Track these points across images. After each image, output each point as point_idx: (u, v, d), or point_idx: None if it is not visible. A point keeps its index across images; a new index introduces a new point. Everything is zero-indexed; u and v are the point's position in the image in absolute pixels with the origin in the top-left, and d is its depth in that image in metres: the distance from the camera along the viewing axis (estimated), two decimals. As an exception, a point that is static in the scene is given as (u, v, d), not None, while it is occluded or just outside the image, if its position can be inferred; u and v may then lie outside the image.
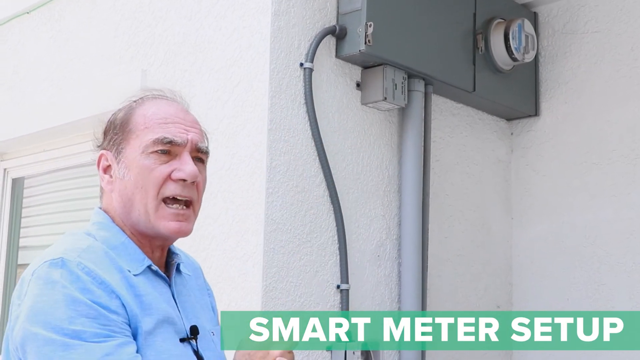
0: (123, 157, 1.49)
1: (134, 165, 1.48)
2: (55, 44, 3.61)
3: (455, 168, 3.34)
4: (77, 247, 1.41)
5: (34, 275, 1.37)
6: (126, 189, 1.48)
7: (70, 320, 1.31)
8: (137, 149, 1.48)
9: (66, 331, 1.30)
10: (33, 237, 3.98)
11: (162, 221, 1.47)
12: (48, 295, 1.33)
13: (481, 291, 3.37)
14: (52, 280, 1.34)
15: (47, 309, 1.32)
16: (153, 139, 1.47)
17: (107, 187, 1.51)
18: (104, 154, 1.51)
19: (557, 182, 3.43)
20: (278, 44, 2.69)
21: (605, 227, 3.27)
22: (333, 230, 2.77)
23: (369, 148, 2.95)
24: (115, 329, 1.35)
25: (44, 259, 1.39)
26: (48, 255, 1.40)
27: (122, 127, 1.51)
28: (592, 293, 3.27)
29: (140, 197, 1.47)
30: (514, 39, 3.25)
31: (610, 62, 3.35)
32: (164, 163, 1.48)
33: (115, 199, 1.50)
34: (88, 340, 1.31)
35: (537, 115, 3.52)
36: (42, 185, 3.94)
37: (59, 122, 3.50)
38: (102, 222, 1.50)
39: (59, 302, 1.32)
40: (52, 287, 1.34)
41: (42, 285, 1.35)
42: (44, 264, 1.37)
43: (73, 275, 1.35)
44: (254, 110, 2.68)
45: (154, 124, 1.49)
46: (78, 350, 1.30)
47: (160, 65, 3.06)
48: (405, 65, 2.93)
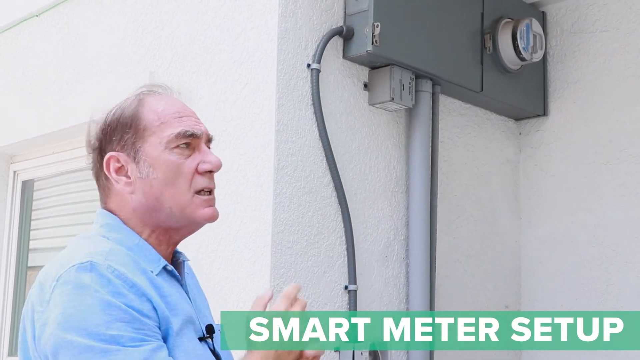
0: (143, 156, 1.47)
1: (160, 162, 1.46)
2: (64, 47, 3.63)
3: (464, 168, 3.33)
4: (100, 250, 1.38)
5: (60, 281, 1.33)
6: (153, 188, 1.46)
7: (106, 325, 1.28)
8: (158, 145, 1.47)
9: (103, 337, 1.27)
10: (43, 239, 3.99)
11: (198, 210, 1.48)
12: (80, 301, 1.30)
13: (490, 291, 3.36)
14: (82, 284, 1.31)
15: (81, 315, 1.29)
16: (175, 134, 1.47)
17: (126, 188, 1.47)
18: (115, 155, 1.47)
19: (565, 181, 3.42)
20: (285, 45, 2.69)
21: (614, 227, 3.26)
22: (341, 231, 2.77)
23: (377, 149, 2.95)
24: (149, 333, 1.33)
25: (67, 264, 1.35)
26: (70, 259, 1.36)
27: (133, 126, 1.48)
28: (601, 293, 3.26)
29: (172, 193, 1.46)
30: (522, 39, 3.24)
31: (619, 62, 3.33)
32: (188, 157, 1.48)
33: (135, 199, 1.47)
34: (126, 345, 1.28)
35: (545, 115, 3.51)
36: (52, 188, 3.96)
37: (67, 124, 3.51)
38: (111, 224, 1.48)
39: (93, 307, 1.29)
40: (83, 292, 1.30)
41: (71, 291, 1.31)
42: (70, 269, 1.33)
43: (104, 278, 1.32)
44: (262, 112, 2.68)
45: (169, 118, 1.48)
46: (117, 355, 1.27)
47: (168, 67, 3.07)
48: (413, 66, 2.93)
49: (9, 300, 3.94)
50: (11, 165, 4.03)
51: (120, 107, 1.51)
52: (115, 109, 1.51)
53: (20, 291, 3.96)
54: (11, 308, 3.93)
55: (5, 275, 3.96)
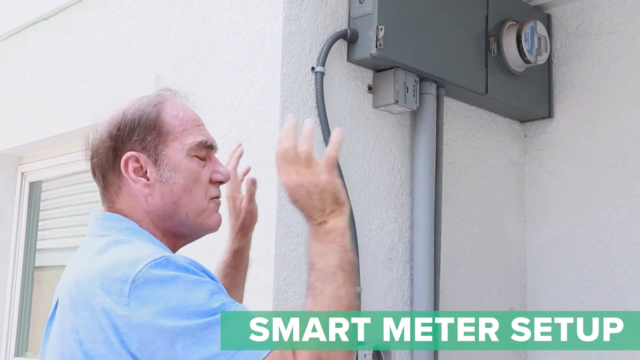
0: (165, 159, 1.47)
1: (182, 168, 1.48)
2: (72, 50, 3.65)
3: (468, 170, 3.33)
4: (158, 246, 1.41)
5: (138, 281, 1.30)
6: (172, 192, 1.47)
7: (207, 301, 1.28)
8: (180, 151, 1.48)
9: (212, 312, 1.27)
10: (50, 239, 4.02)
11: (211, 216, 1.52)
12: (175, 290, 1.29)
13: (495, 293, 3.36)
14: (168, 277, 1.30)
15: (184, 302, 1.28)
16: (197, 142, 1.50)
17: (144, 190, 1.47)
18: (135, 155, 1.46)
19: (571, 184, 3.42)
20: (289, 48, 2.70)
21: (619, 229, 3.25)
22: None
23: (381, 151, 2.96)
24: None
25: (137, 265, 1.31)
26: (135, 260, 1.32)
27: (156, 129, 1.48)
28: (606, 296, 3.25)
29: (189, 200, 1.49)
30: (527, 41, 3.25)
31: (624, 64, 3.33)
32: (204, 166, 1.52)
33: (152, 202, 1.47)
34: (231, 309, 1.29)
35: (550, 117, 3.51)
36: (59, 189, 3.99)
37: (75, 126, 3.53)
38: (131, 228, 1.46)
39: (189, 290, 1.29)
40: (173, 282, 1.29)
41: (161, 285, 1.29)
42: (145, 267, 1.30)
43: (182, 267, 1.32)
44: (266, 114, 2.69)
45: (190, 126, 1.51)
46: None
47: (173, 69, 3.09)
48: (417, 68, 2.93)
49: (16, 300, 3.97)
50: (19, 166, 4.06)
51: (139, 109, 1.50)
52: (133, 109, 1.50)
53: (27, 291, 3.99)
54: (18, 308, 3.95)
55: (12, 275, 3.99)
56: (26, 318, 3.95)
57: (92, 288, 1.34)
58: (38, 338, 3.93)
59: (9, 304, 3.96)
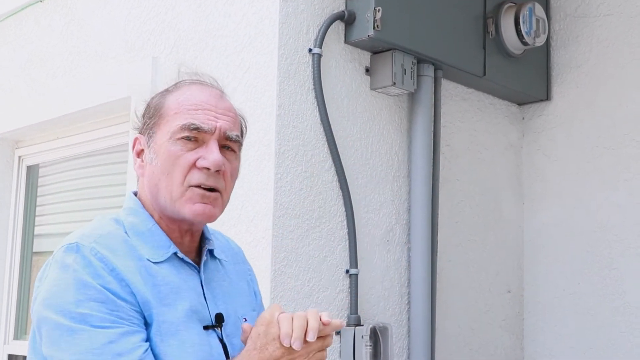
0: (153, 142, 1.49)
1: (162, 151, 1.47)
2: (68, 33, 3.63)
3: (466, 153, 3.33)
4: (95, 232, 1.42)
5: (53, 259, 1.40)
6: (153, 174, 1.48)
7: (77, 303, 1.32)
8: (166, 134, 1.47)
9: (73, 314, 1.32)
10: (48, 225, 4.02)
11: (187, 204, 1.45)
12: (60, 279, 1.35)
13: (492, 276, 3.37)
14: (65, 264, 1.36)
15: (59, 292, 1.34)
16: (180, 125, 1.46)
17: (138, 171, 1.53)
18: (139, 137, 1.53)
19: (568, 166, 3.42)
20: (286, 29, 2.69)
21: (616, 211, 3.26)
22: (342, 215, 2.78)
23: (378, 133, 2.96)
24: (123, 316, 1.34)
25: (62, 243, 1.41)
26: (67, 239, 1.42)
27: (155, 112, 1.51)
28: (603, 277, 3.26)
29: (166, 184, 1.46)
30: (525, 23, 3.24)
31: (622, 46, 3.32)
32: (190, 150, 1.46)
33: (145, 184, 1.51)
34: (94, 324, 1.31)
35: (548, 100, 3.51)
36: (57, 174, 3.98)
37: (72, 109, 3.53)
38: (132, 208, 1.51)
39: (69, 286, 1.34)
40: (64, 271, 1.36)
41: (57, 270, 1.37)
42: (61, 248, 1.39)
43: (85, 260, 1.36)
44: (263, 96, 2.69)
45: (183, 109, 1.47)
46: (82, 335, 1.31)
47: (170, 52, 3.07)
48: (415, 50, 2.92)
49: (14, 285, 3.97)
50: (16, 150, 4.05)
51: (160, 92, 1.56)
52: (155, 95, 1.56)
53: (25, 276, 3.99)
54: (17, 293, 3.96)
55: (10, 260, 3.99)
56: (25, 302, 3.96)
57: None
58: (36, 321, 3.94)
59: (7, 289, 3.96)
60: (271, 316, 1.39)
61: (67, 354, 1.31)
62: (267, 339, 1.37)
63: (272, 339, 1.36)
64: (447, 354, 3.12)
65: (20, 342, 3.91)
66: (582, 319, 3.30)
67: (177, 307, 1.41)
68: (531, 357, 3.42)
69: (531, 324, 3.44)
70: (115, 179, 3.57)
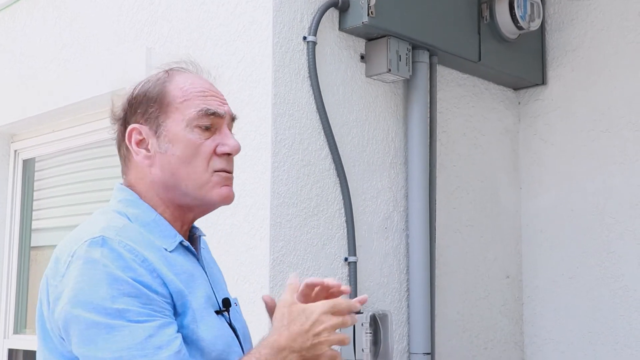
0: (164, 131, 1.47)
1: (179, 139, 1.46)
2: (62, 25, 3.62)
3: (462, 139, 3.33)
4: (113, 225, 1.39)
5: (74, 256, 1.34)
6: (170, 164, 1.46)
7: (112, 299, 1.29)
8: (180, 122, 1.46)
9: (109, 311, 1.29)
10: (45, 219, 4.01)
11: (215, 189, 1.48)
12: (89, 275, 1.31)
13: (490, 261, 3.37)
14: (92, 259, 1.32)
15: (89, 289, 1.30)
16: (197, 111, 1.46)
17: (145, 161, 1.48)
18: (137, 127, 1.48)
19: (565, 150, 3.42)
20: (281, 17, 2.68)
21: (614, 195, 3.26)
22: (340, 204, 2.78)
23: (375, 120, 2.95)
24: (156, 309, 1.33)
25: (81, 239, 1.36)
26: (85, 234, 1.37)
27: (158, 101, 1.48)
28: (601, 261, 3.27)
29: (188, 172, 1.46)
30: (519, 7, 3.23)
31: (617, 29, 3.32)
32: (208, 138, 1.47)
33: (154, 173, 1.48)
34: (132, 319, 1.29)
35: (544, 84, 3.50)
36: (54, 168, 3.97)
37: (66, 102, 3.51)
38: (129, 199, 1.48)
39: (100, 282, 1.30)
40: (92, 267, 1.32)
41: (82, 266, 1.32)
42: (83, 244, 1.34)
43: (114, 253, 1.33)
44: (258, 85, 2.68)
45: (193, 96, 1.48)
46: (122, 331, 1.28)
47: (164, 42, 3.06)
48: (409, 37, 2.92)
49: (12, 280, 3.96)
50: (12, 144, 4.04)
51: (148, 81, 1.51)
52: (144, 82, 1.51)
53: (23, 271, 3.98)
54: (15, 288, 3.95)
55: (8, 255, 3.98)
56: (24, 297, 3.96)
57: (53, 256, 1.42)
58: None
59: (6, 284, 3.96)
60: (291, 297, 1.42)
61: (107, 353, 1.28)
62: (292, 317, 1.38)
63: (297, 315, 1.38)
64: (446, 339, 3.13)
65: (19, 337, 3.91)
66: (580, 302, 3.30)
67: (197, 294, 1.43)
68: (531, 342, 3.43)
69: (530, 309, 3.45)
70: (111, 171, 3.56)
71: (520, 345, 3.45)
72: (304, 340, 1.37)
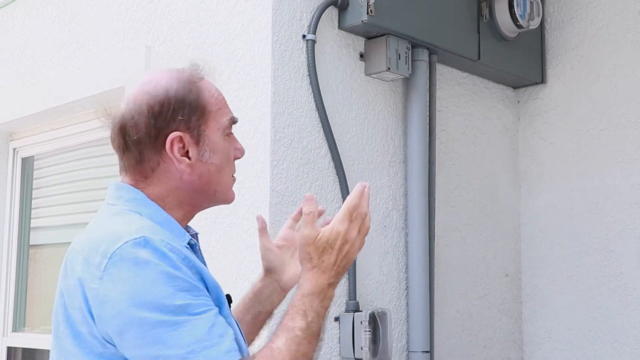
0: (206, 139, 1.48)
1: (218, 148, 1.50)
2: (61, 23, 3.62)
3: (462, 137, 3.33)
4: (145, 225, 1.39)
5: (115, 257, 1.32)
6: (209, 172, 1.49)
7: (172, 296, 1.29)
8: (217, 131, 1.50)
9: (171, 308, 1.29)
10: (45, 217, 4.00)
11: (231, 191, 1.57)
12: (143, 276, 1.30)
13: (490, 260, 3.37)
14: (141, 260, 1.31)
15: (148, 289, 1.29)
16: (228, 120, 1.52)
17: (186, 169, 1.47)
18: (181, 135, 1.46)
19: (564, 149, 3.42)
20: (280, 16, 2.68)
21: (613, 193, 3.26)
22: (339, 202, 2.78)
23: (374, 119, 2.95)
24: (207, 299, 1.35)
25: (119, 240, 1.33)
26: (119, 235, 1.35)
27: (199, 108, 1.48)
28: (600, 259, 3.27)
29: (219, 178, 1.52)
30: (519, 6, 3.23)
31: (617, 27, 3.31)
32: (231, 145, 1.55)
33: (187, 180, 1.48)
34: (192, 313, 1.30)
35: (543, 83, 3.50)
36: (53, 166, 3.97)
37: (65, 100, 3.51)
38: (138, 198, 1.47)
39: (157, 281, 1.30)
40: (143, 267, 1.30)
41: (131, 267, 1.31)
42: (124, 245, 1.32)
43: (159, 252, 1.32)
44: (257, 84, 2.68)
45: (222, 104, 1.52)
46: (187, 326, 1.29)
47: (163, 40, 3.06)
48: (409, 35, 2.91)
49: (11, 278, 3.96)
50: (10, 142, 4.04)
51: (182, 87, 1.48)
52: (176, 87, 1.47)
53: (22, 269, 3.98)
54: (14, 286, 3.95)
55: (7, 253, 3.98)
56: (23, 295, 3.96)
57: (79, 257, 1.39)
58: (35, 314, 3.94)
59: (4, 282, 3.96)
60: (312, 230, 1.44)
61: (177, 349, 1.28)
62: (319, 253, 1.43)
63: (323, 249, 1.43)
64: (446, 338, 3.13)
65: (18, 335, 3.91)
66: (580, 301, 3.30)
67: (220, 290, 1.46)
68: (530, 340, 3.43)
69: (529, 307, 3.45)
70: (111, 170, 3.56)
71: (520, 344, 3.45)
72: (338, 266, 1.43)
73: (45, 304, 3.86)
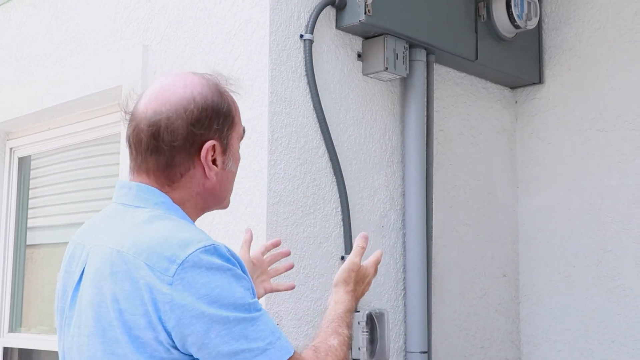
0: (231, 149, 1.54)
1: (237, 157, 1.57)
2: (58, 22, 3.61)
3: (459, 138, 3.33)
4: (201, 232, 1.45)
5: (187, 264, 1.36)
6: (228, 179, 1.55)
7: (244, 295, 1.39)
8: (237, 140, 1.56)
9: (246, 306, 1.38)
10: (41, 217, 3.99)
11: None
12: (220, 280, 1.37)
13: (487, 260, 3.37)
14: (216, 265, 1.38)
15: (227, 292, 1.37)
16: (243, 129, 1.59)
17: (214, 177, 1.51)
18: (215, 144, 1.50)
19: (562, 149, 3.42)
20: (277, 16, 2.68)
21: (610, 194, 3.26)
22: (336, 202, 2.78)
23: (371, 119, 2.95)
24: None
25: (188, 247, 1.37)
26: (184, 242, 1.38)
27: (230, 118, 1.52)
28: (598, 260, 3.27)
29: (232, 185, 1.59)
30: (516, 6, 3.23)
31: (614, 28, 3.31)
32: None
33: (208, 186, 1.52)
34: (260, 309, 1.41)
35: (541, 83, 3.50)
36: (50, 166, 3.96)
37: (62, 100, 3.51)
38: (166, 203, 1.49)
39: (232, 283, 1.38)
40: (219, 272, 1.38)
41: (207, 272, 1.37)
42: (196, 252, 1.37)
43: (225, 257, 1.40)
44: (255, 83, 2.67)
45: (239, 113, 1.57)
46: (261, 320, 1.39)
47: (161, 40, 3.05)
48: (406, 35, 2.91)
49: (8, 278, 3.95)
50: (7, 142, 4.03)
51: (216, 95, 1.51)
52: (212, 96, 1.49)
53: (19, 270, 3.97)
54: (10, 286, 3.94)
55: (4, 253, 3.97)
56: (19, 295, 3.95)
57: (137, 261, 1.39)
58: (32, 314, 3.93)
59: (1, 282, 3.95)
60: (358, 259, 1.68)
61: (259, 342, 1.37)
62: (357, 280, 1.66)
63: (360, 278, 1.67)
64: (443, 338, 3.13)
65: (14, 335, 3.90)
66: (577, 301, 3.30)
67: None
68: (528, 341, 3.43)
69: (527, 308, 3.45)
70: (108, 170, 3.56)
71: (517, 344, 3.45)
72: (357, 297, 1.67)
73: (42, 304, 3.85)
